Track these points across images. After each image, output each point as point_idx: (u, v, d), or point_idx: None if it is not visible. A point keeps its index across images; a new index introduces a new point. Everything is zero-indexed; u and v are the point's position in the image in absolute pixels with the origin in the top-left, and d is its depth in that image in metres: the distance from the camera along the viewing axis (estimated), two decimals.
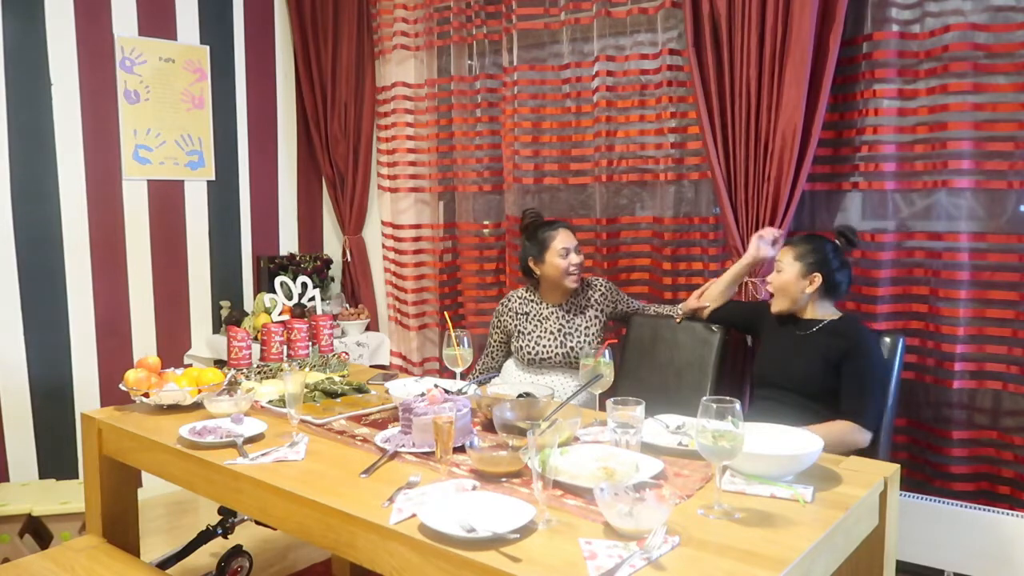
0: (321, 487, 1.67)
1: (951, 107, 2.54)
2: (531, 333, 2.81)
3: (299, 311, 3.16)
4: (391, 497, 1.58)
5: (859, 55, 2.70)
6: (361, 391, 2.41)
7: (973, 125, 2.52)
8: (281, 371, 2.45)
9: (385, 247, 4.09)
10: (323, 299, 3.49)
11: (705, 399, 1.49)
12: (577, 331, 2.77)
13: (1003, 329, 2.54)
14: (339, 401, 2.28)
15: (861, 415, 2.17)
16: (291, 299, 2.66)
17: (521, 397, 2.14)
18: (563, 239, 2.76)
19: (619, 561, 1.31)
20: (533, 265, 2.81)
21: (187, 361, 3.73)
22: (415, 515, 1.48)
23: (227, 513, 2.74)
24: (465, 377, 2.65)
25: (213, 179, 3.82)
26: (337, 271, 4.25)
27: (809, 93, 2.64)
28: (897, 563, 1.93)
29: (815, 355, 2.29)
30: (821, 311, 2.37)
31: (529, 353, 2.81)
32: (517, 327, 2.85)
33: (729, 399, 1.48)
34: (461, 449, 1.80)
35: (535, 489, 1.46)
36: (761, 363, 2.49)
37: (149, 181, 3.62)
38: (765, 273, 2.68)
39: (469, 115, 3.68)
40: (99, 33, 3.42)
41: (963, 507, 2.54)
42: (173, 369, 2.41)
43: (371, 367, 3.31)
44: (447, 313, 3.54)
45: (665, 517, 1.38)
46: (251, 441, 1.98)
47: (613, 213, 3.34)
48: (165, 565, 2.64)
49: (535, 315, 2.84)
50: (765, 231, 2.66)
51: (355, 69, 3.95)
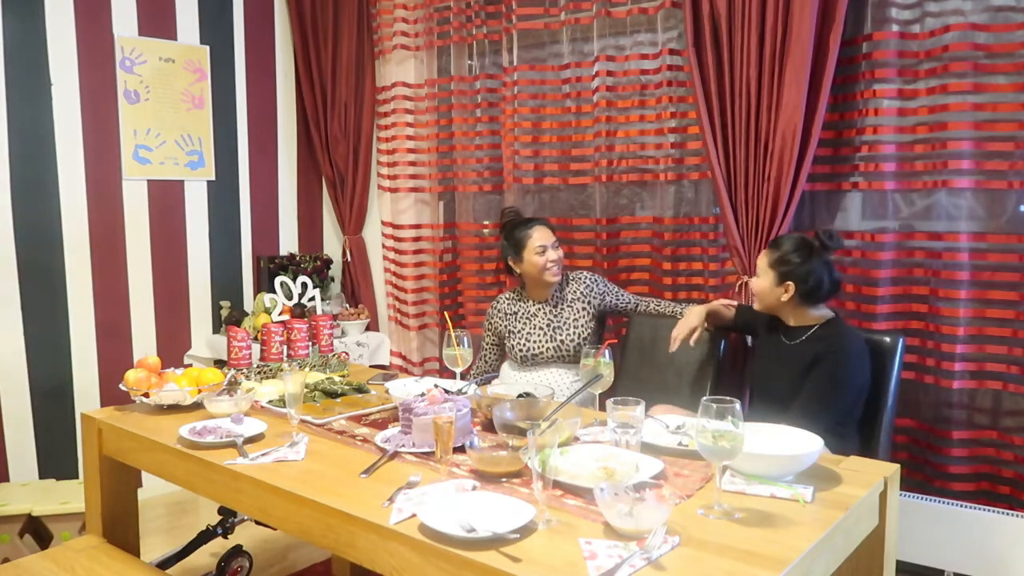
0: (321, 487, 1.67)
1: (951, 107, 2.54)
2: (520, 331, 2.83)
3: (299, 311, 3.16)
4: (391, 497, 1.58)
5: (859, 55, 2.70)
6: (361, 391, 2.41)
7: (973, 125, 2.51)
8: (281, 371, 2.45)
9: (385, 247, 4.09)
10: (323, 299, 3.49)
11: (705, 399, 1.49)
12: (565, 324, 2.78)
13: (1003, 329, 2.54)
14: (339, 401, 2.28)
15: (810, 420, 1.97)
16: (291, 299, 2.66)
17: (521, 397, 2.14)
18: (539, 237, 2.76)
19: (619, 561, 1.31)
20: (513, 264, 2.84)
21: (187, 361, 3.73)
22: (415, 515, 1.48)
23: (227, 513, 2.74)
24: (466, 377, 2.66)
25: (213, 179, 3.82)
26: (337, 271, 4.25)
27: (809, 93, 2.64)
28: (897, 563, 1.93)
29: (797, 366, 2.24)
30: (807, 316, 2.31)
31: (521, 351, 2.82)
32: (507, 327, 2.87)
33: (729, 399, 1.48)
34: (461, 449, 1.80)
35: (535, 489, 1.46)
36: (752, 368, 2.49)
37: (149, 181, 3.62)
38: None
39: (469, 115, 3.68)
40: (99, 33, 3.42)
41: (963, 507, 2.54)
42: (173, 369, 2.41)
43: (371, 367, 3.31)
44: (447, 313, 3.55)
45: (665, 517, 1.38)
46: (251, 441, 1.98)
47: (613, 213, 3.34)
48: (165, 565, 2.64)
49: (523, 313, 2.85)
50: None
51: (355, 69, 3.95)
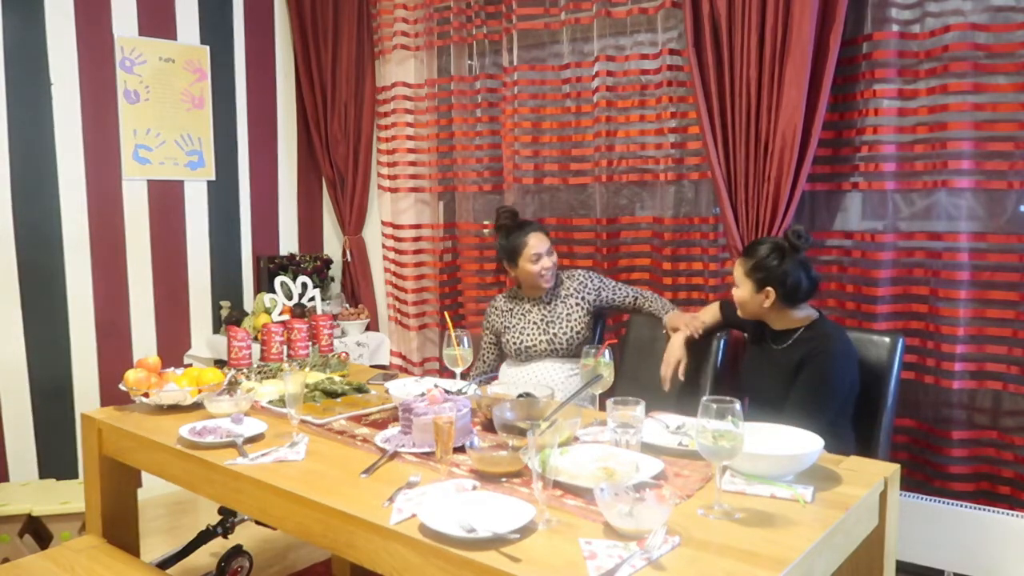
0: (321, 487, 1.67)
1: (951, 107, 2.54)
2: (515, 327, 2.87)
3: (299, 311, 3.16)
4: (391, 497, 1.58)
5: (859, 55, 2.70)
6: (361, 391, 2.41)
7: (973, 125, 2.51)
8: (281, 371, 2.45)
9: (385, 247, 4.09)
10: (323, 299, 3.49)
11: (705, 399, 1.49)
12: (558, 319, 2.81)
13: (1003, 329, 2.54)
14: (339, 401, 2.28)
15: (804, 422, 1.90)
16: (291, 299, 2.66)
17: (521, 397, 2.14)
18: (534, 244, 2.76)
19: (619, 561, 1.31)
20: (508, 267, 2.87)
21: (187, 361, 3.72)
22: (415, 515, 1.48)
23: (227, 513, 2.74)
24: (465, 376, 2.66)
25: (213, 179, 3.82)
26: (337, 271, 4.25)
27: (809, 93, 2.64)
28: (897, 563, 1.93)
29: (785, 370, 2.23)
30: (791, 318, 2.28)
31: (516, 346, 2.85)
32: (504, 324, 2.90)
33: (729, 399, 1.48)
34: (461, 449, 1.80)
35: (535, 489, 1.46)
36: (744, 374, 2.48)
37: (149, 181, 3.62)
38: None
39: (469, 115, 3.68)
40: (99, 33, 3.42)
41: (963, 507, 2.54)
42: (173, 369, 2.41)
43: (371, 367, 3.31)
44: (447, 313, 3.54)
45: (665, 517, 1.38)
46: (251, 441, 1.98)
47: (613, 213, 3.35)
48: (165, 565, 2.64)
49: (519, 311, 2.89)
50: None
51: (355, 69, 3.95)
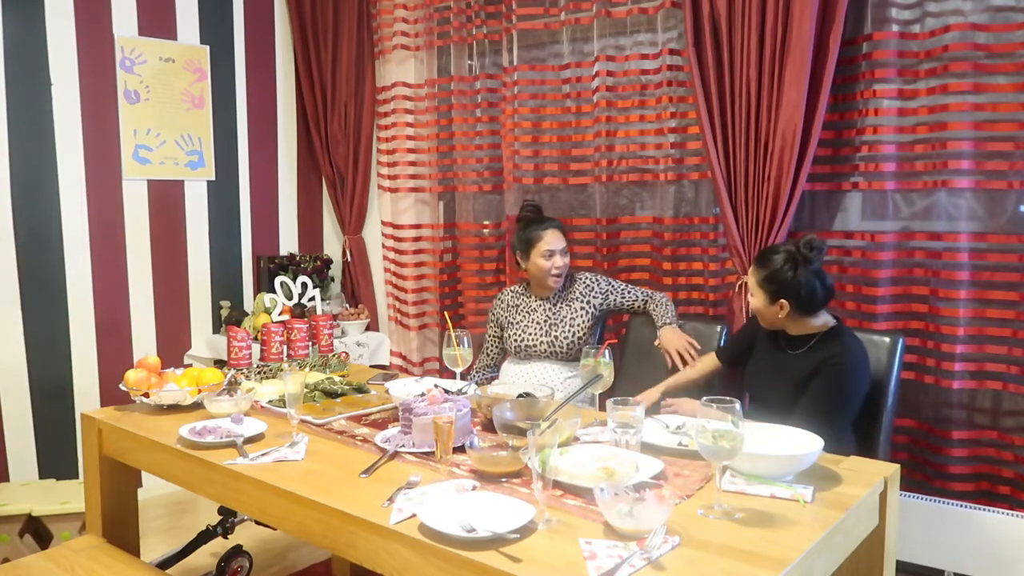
0: (321, 487, 1.67)
1: (951, 107, 2.54)
2: (519, 323, 2.86)
3: (299, 311, 3.16)
4: (391, 497, 1.58)
5: (859, 55, 2.70)
6: (361, 391, 2.41)
7: (973, 125, 2.51)
8: (281, 371, 2.45)
9: (385, 247, 4.09)
10: (323, 299, 3.49)
11: (705, 399, 1.49)
12: (562, 321, 2.79)
13: (1003, 329, 2.54)
14: (339, 401, 2.28)
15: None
16: (291, 299, 2.66)
17: (521, 397, 2.14)
18: (549, 241, 2.74)
19: (619, 561, 1.31)
20: (520, 259, 2.85)
21: (187, 361, 3.73)
22: (415, 515, 1.48)
23: (227, 513, 2.74)
24: (466, 376, 2.66)
25: (213, 179, 3.82)
26: (337, 271, 4.25)
27: (809, 93, 2.64)
28: (897, 563, 1.93)
29: (798, 376, 2.21)
30: (808, 325, 2.25)
31: (516, 343, 2.84)
32: (508, 319, 2.90)
33: (729, 399, 1.48)
34: (461, 449, 1.80)
35: (535, 489, 1.46)
36: (749, 375, 2.45)
37: (149, 181, 3.62)
38: None
39: (469, 115, 3.68)
40: (99, 33, 3.42)
41: (963, 507, 2.54)
42: (173, 369, 2.41)
43: (371, 367, 3.31)
44: (447, 313, 3.55)
45: (665, 517, 1.38)
46: (251, 441, 1.98)
47: (613, 213, 3.34)
48: (165, 565, 2.64)
49: (524, 307, 2.88)
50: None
51: (355, 69, 3.95)
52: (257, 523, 2.64)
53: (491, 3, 3.55)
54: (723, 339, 2.73)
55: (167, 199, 3.68)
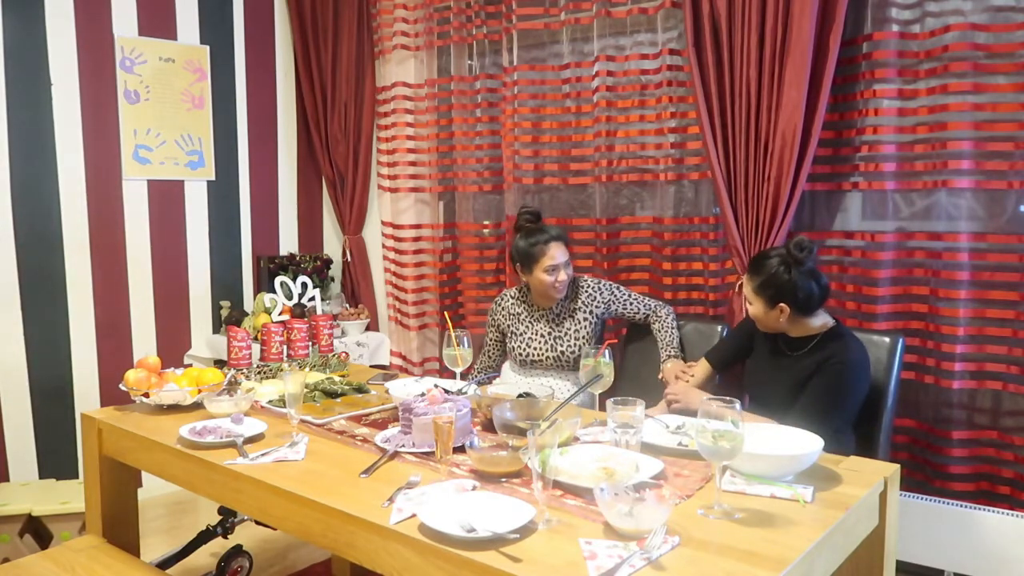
0: (321, 487, 1.67)
1: (951, 107, 2.54)
2: (523, 334, 2.82)
3: (299, 311, 3.16)
4: (391, 497, 1.58)
5: (859, 55, 2.70)
6: (361, 391, 2.41)
7: (973, 125, 2.51)
8: (281, 371, 2.46)
9: (385, 247, 4.09)
10: (323, 299, 3.49)
11: (705, 399, 1.49)
12: (566, 335, 2.75)
13: (1003, 329, 2.54)
14: (339, 401, 2.28)
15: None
16: (291, 299, 2.66)
17: (521, 397, 2.14)
18: (552, 256, 2.65)
19: (619, 561, 1.31)
20: (520, 272, 2.77)
21: (187, 361, 3.73)
22: (415, 515, 1.48)
23: (227, 513, 2.74)
24: (466, 377, 2.66)
25: (213, 179, 3.82)
26: (337, 271, 4.25)
27: (809, 93, 2.64)
28: (897, 563, 1.93)
29: (797, 376, 2.21)
30: (808, 326, 2.25)
31: (521, 354, 2.81)
32: (510, 327, 2.86)
33: (729, 399, 1.48)
34: (461, 449, 1.80)
35: (535, 489, 1.46)
36: (749, 375, 2.45)
37: (149, 181, 3.62)
38: None
39: (469, 115, 3.68)
40: (99, 33, 3.42)
41: (963, 507, 2.54)
42: (173, 369, 2.41)
43: (371, 367, 3.31)
44: (447, 313, 3.55)
45: (665, 517, 1.38)
46: (251, 441, 1.98)
47: (613, 213, 3.34)
48: (165, 565, 2.64)
49: (526, 316, 2.83)
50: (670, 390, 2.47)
51: (355, 69, 3.95)
52: (257, 523, 2.64)
53: (491, 3, 3.55)
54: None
55: (167, 199, 3.68)
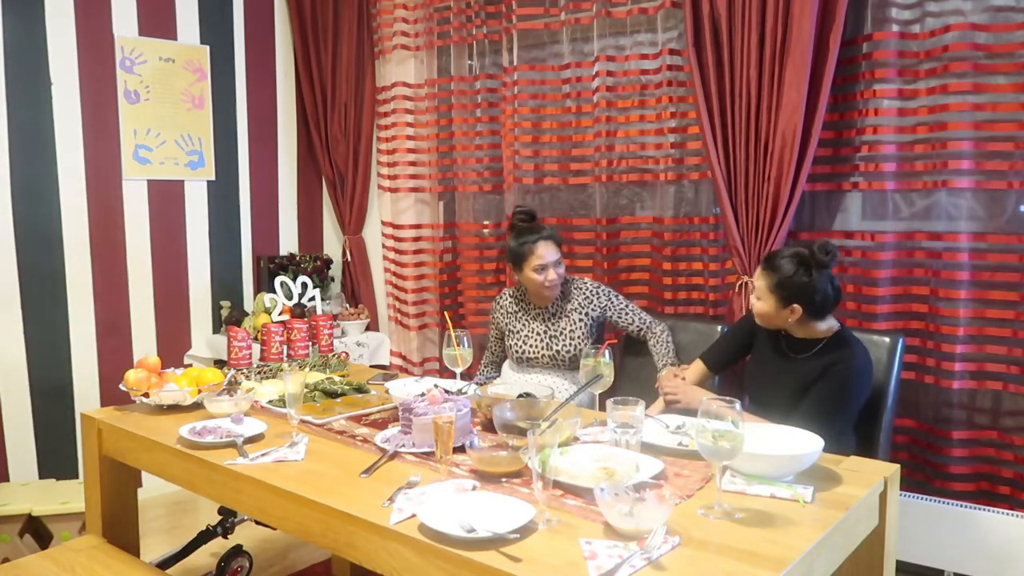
0: (321, 487, 1.67)
1: (951, 107, 2.54)
2: (519, 332, 2.83)
3: (299, 311, 3.16)
4: (391, 497, 1.58)
5: (859, 55, 2.70)
6: (361, 391, 2.41)
7: (973, 125, 2.51)
8: (281, 371, 2.45)
9: (385, 247, 4.09)
10: (323, 299, 3.49)
11: (705, 399, 1.49)
12: (561, 335, 2.76)
13: (1003, 329, 2.54)
14: (339, 401, 2.28)
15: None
16: (291, 299, 2.66)
17: (521, 397, 2.14)
18: (541, 254, 2.66)
19: (619, 561, 1.31)
20: (513, 270, 2.79)
21: (187, 361, 3.73)
22: (415, 515, 1.48)
23: (227, 513, 2.74)
24: (468, 376, 2.66)
25: (213, 179, 3.82)
26: (337, 271, 4.25)
27: (809, 93, 2.64)
28: (897, 563, 1.93)
29: (801, 380, 2.19)
30: (815, 330, 2.23)
31: (518, 352, 2.83)
32: (508, 325, 2.88)
33: (729, 399, 1.48)
34: (461, 449, 1.80)
35: (535, 489, 1.46)
36: (750, 375, 2.43)
37: (149, 181, 3.62)
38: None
39: (469, 115, 3.68)
40: (99, 33, 3.42)
41: (963, 507, 2.54)
42: (173, 369, 2.41)
43: (371, 367, 3.31)
44: (447, 313, 3.55)
45: (665, 517, 1.38)
46: (251, 441, 1.98)
47: (613, 213, 3.34)
48: (165, 565, 2.64)
49: (523, 317, 2.84)
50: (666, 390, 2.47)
51: (355, 69, 3.95)
52: (257, 523, 2.64)
53: (491, 3, 3.55)
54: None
55: (167, 199, 3.68)
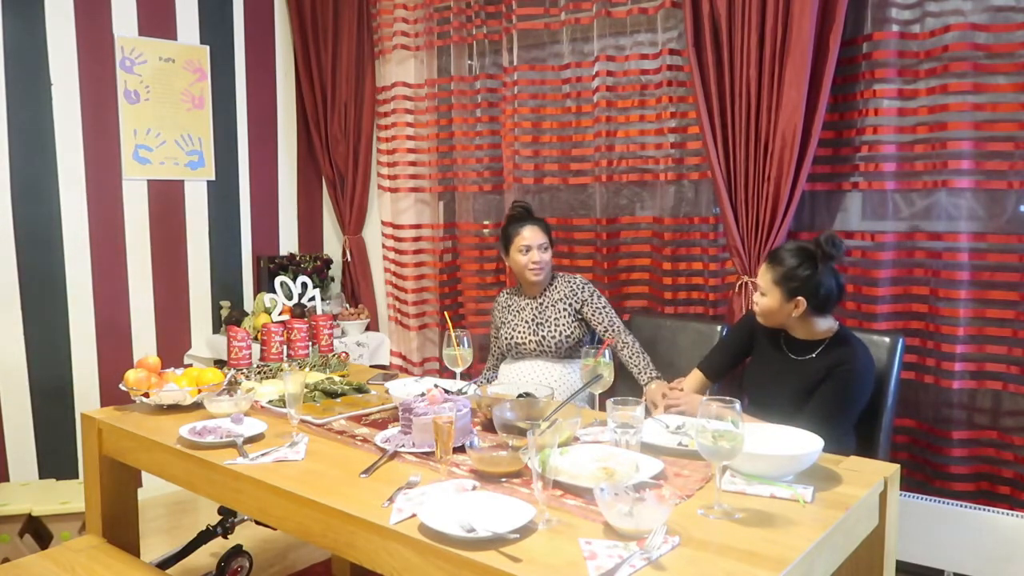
0: (321, 487, 1.67)
1: (951, 107, 2.54)
2: (510, 322, 2.90)
3: (299, 311, 3.16)
4: (391, 497, 1.58)
5: (859, 55, 2.70)
6: (361, 391, 2.41)
7: (973, 125, 2.51)
8: (281, 371, 2.45)
9: (385, 247, 4.09)
10: (323, 299, 3.49)
11: (705, 399, 1.49)
12: (548, 321, 2.82)
13: (1003, 329, 2.54)
14: (339, 401, 2.28)
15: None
16: (291, 299, 2.66)
17: (521, 397, 2.14)
18: (526, 237, 2.78)
19: (619, 561, 1.31)
20: (504, 258, 2.92)
21: (187, 361, 3.73)
22: (415, 515, 1.48)
23: (227, 513, 2.74)
24: (469, 376, 2.67)
25: (213, 179, 3.82)
26: (337, 271, 4.25)
27: (809, 93, 2.64)
28: (897, 563, 1.93)
29: (803, 381, 2.19)
30: (816, 329, 2.23)
31: (508, 341, 2.88)
32: (502, 319, 2.94)
33: (729, 399, 1.48)
34: (461, 449, 1.80)
35: (535, 489, 1.46)
36: (750, 377, 2.43)
37: (149, 181, 3.62)
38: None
39: (469, 115, 3.68)
40: (99, 33, 3.42)
41: (963, 507, 2.54)
42: (173, 369, 2.41)
43: (371, 367, 3.31)
44: (447, 313, 3.54)
45: (665, 517, 1.38)
46: (251, 441, 1.98)
47: (613, 213, 3.35)
48: (165, 565, 2.64)
49: (515, 308, 2.92)
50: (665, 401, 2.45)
51: (355, 69, 3.95)
52: (257, 523, 2.64)
53: (491, 3, 3.55)
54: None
55: (167, 199, 3.68)
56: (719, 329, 2.76)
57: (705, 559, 1.33)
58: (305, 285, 2.68)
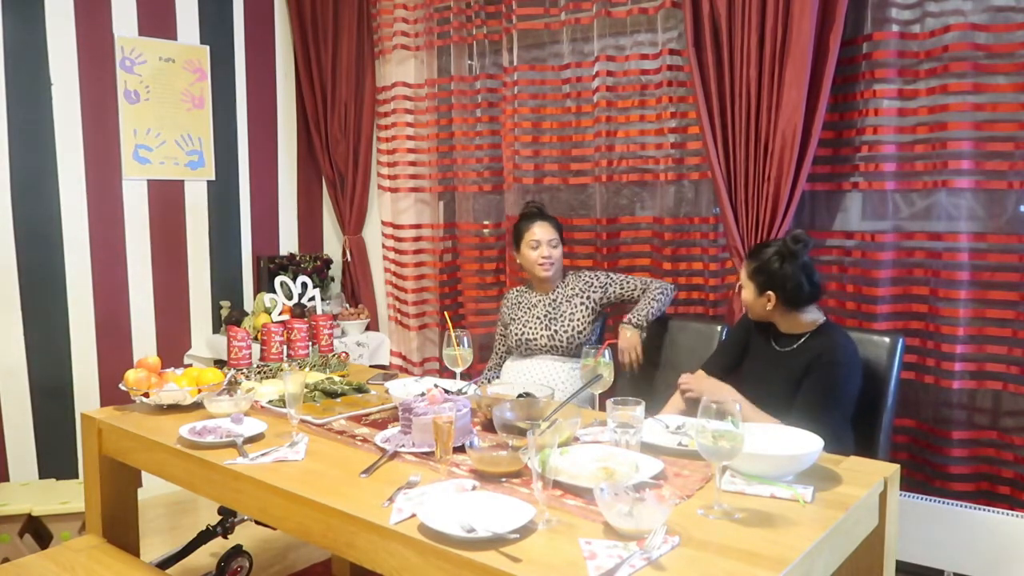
0: (321, 487, 1.67)
1: (951, 107, 2.54)
2: (520, 319, 2.90)
3: (299, 311, 3.16)
4: (391, 497, 1.58)
5: (859, 55, 2.70)
6: (361, 391, 2.41)
7: (973, 125, 2.51)
8: (281, 371, 2.45)
9: (385, 247, 4.09)
10: (323, 299, 3.49)
11: (705, 399, 1.49)
12: (561, 316, 2.83)
13: (1003, 329, 2.54)
14: (339, 401, 2.28)
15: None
16: (291, 299, 2.66)
17: (521, 397, 2.14)
18: (536, 232, 2.84)
19: (619, 561, 1.31)
20: (515, 254, 2.94)
21: (187, 361, 3.73)
22: (415, 515, 1.48)
23: (227, 513, 2.74)
24: (469, 377, 2.67)
25: (213, 179, 3.82)
26: (337, 271, 4.25)
27: (809, 93, 2.64)
28: (897, 563, 1.93)
29: (789, 374, 2.22)
30: (798, 322, 2.27)
31: (518, 338, 2.88)
32: (512, 316, 2.94)
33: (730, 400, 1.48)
34: (461, 449, 1.80)
35: (535, 489, 1.46)
36: (746, 372, 2.45)
37: (149, 181, 3.62)
38: None
39: (469, 115, 3.68)
40: (99, 33, 3.42)
41: (963, 507, 2.54)
42: (173, 369, 2.40)
43: (371, 367, 3.31)
44: (447, 313, 3.54)
45: (665, 517, 1.38)
46: (251, 441, 1.98)
47: (613, 213, 3.35)
48: (165, 565, 2.64)
49: (527, 304, 2.93)
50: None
51: (355, 69, 3.95)
52: (257, 523, 2.64)
53: (491, 3, 3.55)
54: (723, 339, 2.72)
55: (167, 199, 3.68)
56: (719, 329, 2.76)
57: (705, 559, 1.33)
58: (305, 285, 2.68)
